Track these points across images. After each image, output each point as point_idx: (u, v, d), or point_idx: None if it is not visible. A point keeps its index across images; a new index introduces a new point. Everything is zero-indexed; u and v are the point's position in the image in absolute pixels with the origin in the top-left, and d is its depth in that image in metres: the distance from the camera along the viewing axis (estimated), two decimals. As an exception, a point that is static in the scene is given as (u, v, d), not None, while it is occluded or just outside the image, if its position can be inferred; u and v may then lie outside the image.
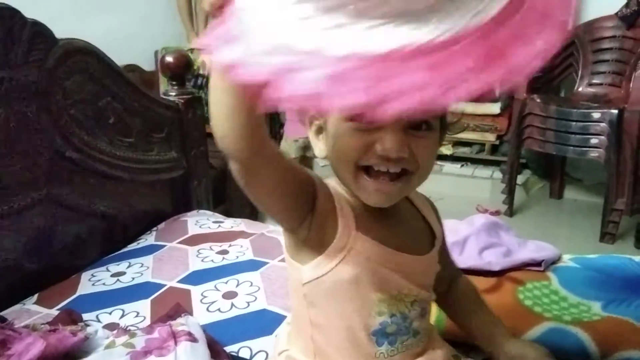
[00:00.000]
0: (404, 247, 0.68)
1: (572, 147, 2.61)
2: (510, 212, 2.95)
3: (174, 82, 1.56)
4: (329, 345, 0.68)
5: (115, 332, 0.90)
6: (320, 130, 0.66)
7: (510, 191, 2.94)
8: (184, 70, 1.55)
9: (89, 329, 0.90)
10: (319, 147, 0.67)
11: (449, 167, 3.45)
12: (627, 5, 2.82)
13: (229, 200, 2.60)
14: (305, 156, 2.54)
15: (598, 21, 2.93)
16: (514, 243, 1.25)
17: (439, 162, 3.48)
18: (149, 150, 1.45)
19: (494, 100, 3.17)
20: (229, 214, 1.71)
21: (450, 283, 0.83)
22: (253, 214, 2.55)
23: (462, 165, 3.44)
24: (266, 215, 2.25)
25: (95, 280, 1.16)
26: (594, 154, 2.55)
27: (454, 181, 3.32)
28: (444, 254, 0.79)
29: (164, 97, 1.54)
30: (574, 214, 2.99)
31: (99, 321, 1.01)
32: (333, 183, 0.68)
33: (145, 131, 1.44)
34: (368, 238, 0.65)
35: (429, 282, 0.73)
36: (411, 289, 0.68)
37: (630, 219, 2.76)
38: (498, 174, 3.25)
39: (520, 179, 3.16)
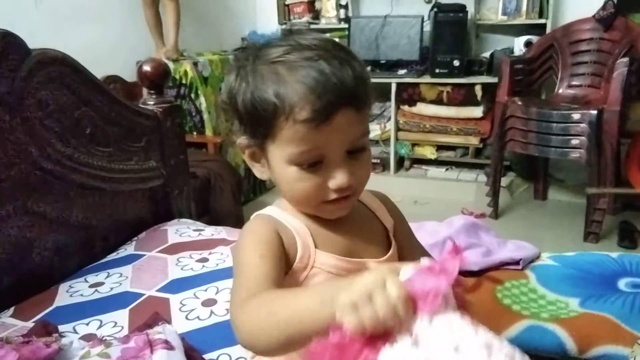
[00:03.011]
0: (364, 252, 0.70)
1: (553, 149, 2.64)
2: (496, 215, 2.97)
3: (152, 91, 1.55)
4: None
5: (90, 342, 0.89)
6: (254, 156, 0.68)
7: (494, 193, 2.96)
8: (162, 79, 1.55)
9: (64, 340, 0.89)
10: (258, 171, 0.69)
11: (433, 171, 3.47)
12: (603, 8, 2.87)
13: (213, 210, 2.59)
14: None
15: (576, 24, 2.98)
16: (494, 243, 1.26)
17: (423, 167, 3.51)
18: (127, 160, 1.44)
19: (476, 104, 3.20)
20: (213, 224, 1.69)
21: None
22: (238, 224, 2.54)
23: (447, 169, 3.46)
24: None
25: (73, 291, 1.15)
26: (575, 154, 2.57)
27: (439, 185, 3.34)
28: (407, 239, 0.78)
29: (142, 106, 1.53)
30: (558, 215, 3.01)
31: (75, 332, 1.00)
32: (278, 210, 0.71)
33: (123, 141, 1.43)
34: (327, 253, 0.68)
35: None
36: None
37: (614, 218, 2.79)
38: (482, 177, 3.27)
39: (504, 181, 3.18)
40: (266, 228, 0.67)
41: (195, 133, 2.97)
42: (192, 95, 2.92)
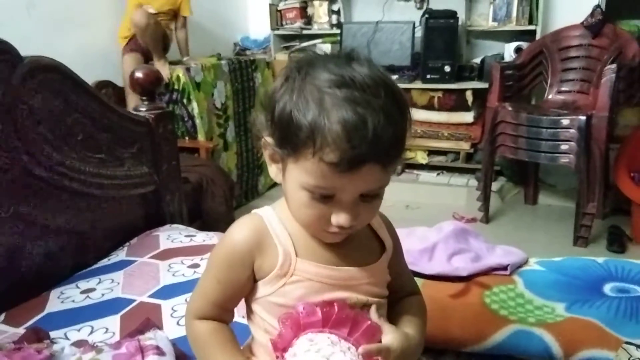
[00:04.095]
0: (349, 260, 0.70)
1: (543, 154, 2.66)
2: (486, 219, 2.99)
3: (144, 98, 1.56)
4: None
5: (82, 348, 0.90)
6: (274, 158, 0.67)
7: (485, 198, 2.98)
8: (154, 85, 1.56)
9: (55, 347, 0.90)
10: (274, 172, 0.69)
11: (425, 176, 3.49)
12: (592, 15, 2.91)
13: (205, 215, 2.60)
14: None
15: (565, 30, 3.01)
16: (483, 248, 1.28)
17: (415, 171, 3.53)
18: (119, 166, 1.45)
19: (467, 109, 3.23)
20: (205, 229, 1.70)
21: (402, 298, 0.80)
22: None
23: (438, 174, 3.48)
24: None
25: (64, 297, 1.15)
26: (564, 159, 2.60)
27: (430, 190, 3.36)
28: (397, 266, 0.79)
29: (134, 112, 1.54)
30: (548, 219, 3.04)
31: (67, 338, 1.00)
32: (272, 213, 0.72)
33: (115, 147, 1.43)
34: (309, 261, 0.69)
35: (379, 290, 0.74)
36: (359, 298, 0.70)
37: (603, 222, 2.82)
38: (473, 182, 3.29)
39: (495, 186, 3.21)
40: (241, 244, 0.70)
41: (187, 138, 2.97)
42: (185, 101, 2.93)
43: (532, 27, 3.16)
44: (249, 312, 0.75)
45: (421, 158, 3.46)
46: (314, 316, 0.66)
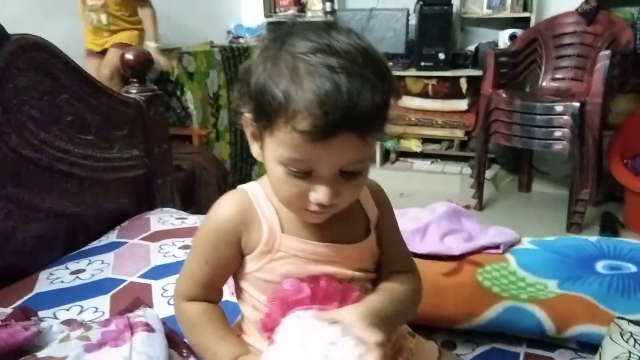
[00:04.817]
0: (335, 237, 0.69)
1: (537, 140, 2.66)
2: (480, 207, 2.99)
3: (134, 80, 1.54)
4: None
5: (70, 326, 0.89)
6: (255, 137, 0.65)
7: (479, 186, 2.98)
8: (144, 67, 1.54)
9: (43, 324, 0.89)
10: (256, 151, 0.67)
11: (419, 164, 3.49)
12: (586, 2, 2.90)
13: (199, 203, 2.59)
14: None
15: (559, 17, 3.00)
16: (476, 228, 1.27)
17: (409, 159, 3.53)
18: (109, 148, 1.44)
19: (461, 97, 3.22)
20: None
21: (392, 273, 0.75)
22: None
23: (432, 162, 3.48)
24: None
25: (53, 278, 1.14)
26: (558, 146, 2.60)
27: (424, 178, 3.36)
28: (387, 236, 0.76)
29: (125, 94, 1.52)
30: (541, 206, 3.05)
31: (56, 318, 0.99)
32: (259, 188, 0.71)
33: (105, 129, 1.42)
34: (294, 237, 0.68)
35: (367, 265, 0.73)
36: (345, 273, 0.69)
37: (596, 209, 2.83)
38: (467, 170, 3.29)
39: (489, 173, 3.21)
40: (226, 220, 0.69)
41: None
42: (178, 92, 2.90)
43: (526, 14, 3.15)
44: (237, 289, 0.74)
45: (415, 146, 3.46)
46: (301, 293, 0.66)
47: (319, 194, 0.60)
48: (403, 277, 0.75)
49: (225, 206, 0.70)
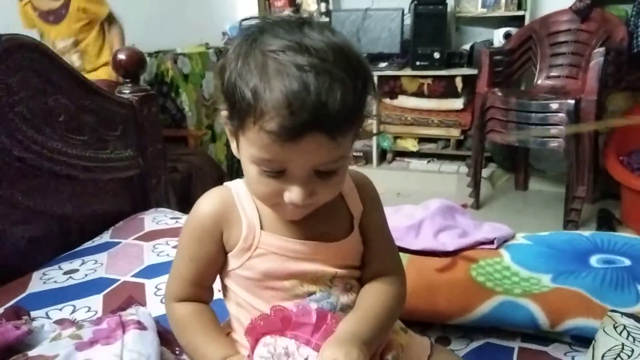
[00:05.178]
0: (316, 234, 0.68)
1: (532, 138, 2.66)
2: (477, 205, 2.99)
3: (127, 80, 1.54)
4: None
5: (62, 325, 0.88)
6: (234, 134, 0.63)
7: (476, 184, 2.98)
8: (137, 67, 1.54)
9: (35, 323, 0.88)
10: (234, 148, 0.66)
11: (415, 163, 3.49)
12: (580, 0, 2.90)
13: (195, 204, 2.58)
14: None
15: (554, 15, 3.01)
16: (470, 224, 1.27)
17: (405, 159, 3.53)
18: (103, 149, 1.43)
19: (457, 96, 3.22)
20: None
21: (375, 276, 0.73)
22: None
23: (429, 161, 3.48)
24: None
25: (46, 278, 1.14)
26: (554, 144, 2.60)
27: (421, 177, 3.36)
28: (373, 235, 0.74)
29: (118, 94, 1.52)
30: (538, 204, 3.05)
31: (48, 318, 0.99)
32: (239, 184, 0.71)
33: (98, 129, 1.41)
34: (274, 235, 0.67)
35: (351, 262, 0.72)
36: (327, 270, 0.69)
37: (593, 207, 2.83)
38: (464, 169, 3.30)
39: (485, 172, 3.21)
40: (207, 216, 0.69)
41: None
42: (173, 94, 2.90)
43: (520, 13, 3.16)
44: (223, 287, 0.74)
45: (411, 145, 3.46)
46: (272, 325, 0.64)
47: (293, 194, 0.59)
48: (387, 280, 0.72)
49: (207, 202, 0.70)
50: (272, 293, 0.68)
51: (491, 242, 1.16)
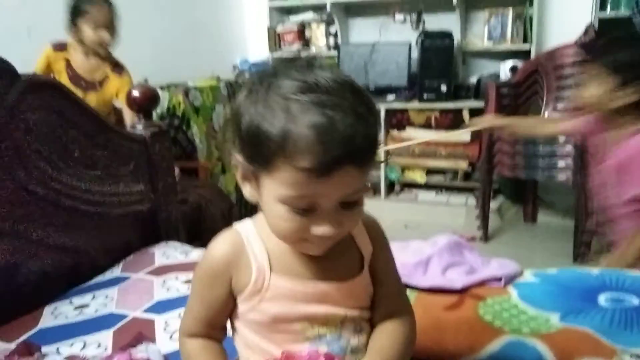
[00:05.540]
0: (327, 274, 0.68)
1: (540, 171, 2.67)
2: (486, 238, 2.98)
3: (141, 116, 1.58)
4: None
5: (73, 362, 0.90)
6: (246, 177, 0.65)
7: (484, 217, 2.98)
8: (150, 104, 1.58)
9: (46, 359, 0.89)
10: (248, 192, 0.67)
11: (423, 195, 3.49)
12: (585, 34, 2.94)
13: (205, 236, 2.59)
14: None
15: (559, 49, 3.03)
16: (477, 261, 1.27)
17: (414, 191, 3.53)
18: (115, 183, 1.46)
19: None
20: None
21: (385, 318, 0.74)
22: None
23: (437, 193, 3.48)
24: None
25: (57, 313, 1.15)
26: (562, 176, 2.60)
27: (429, 209, 3.36)
28: (382, 277, 0.74)
29: (131, 130, 1.55)
30: (548, 237, 3.03)
31: (59, 353, 1.00)
32: (251, 227, 0.71)
33: (111, 164, 1.45)
34: (284, 277, 0.68)
35: (361, 303, 0.72)
36: (337, 311, 0.69)
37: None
38: (472, 201, 3.29)
39: (494, 204, 3.21)
40: (218, 260, 0.69)
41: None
42: (184, 127, 2.94)
43: (526, 47, 3.20)
44: (232, 327, 0.75)
45: (419, 177, 3.47)
46: None
47: (323, 227, 0.60)
48: (398, 322, 0.73)
49: (218, 246, 0.71)
50: (282, 336, 0.68)
51: (499, 279, 1.16)
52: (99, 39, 2.22)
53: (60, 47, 2.29)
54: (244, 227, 0.72)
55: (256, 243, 0.69)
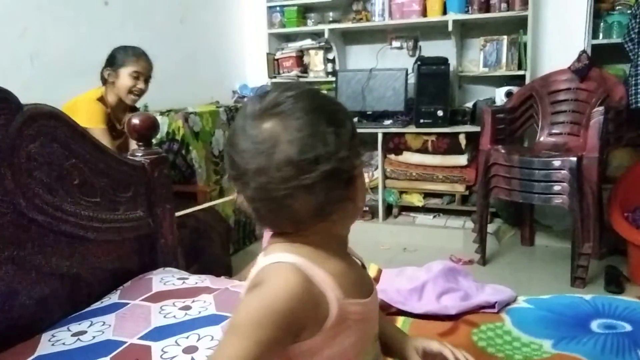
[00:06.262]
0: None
1: (536, 195, 2.69)
2: (483, 261, 2.99)
3: (140, 143, 1.60)
4: None
5: (70, 390, 0.90)
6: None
7: (481, 240, 2.99)
8: (150, 131, 1.60)
9: (43, 388, 0.90)
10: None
11: (421, 218, 3.50)
12: (578, 60, 3.00)
13: (203, 259, 2.60)
14: None
15: (553, 75, 3.10)
16: (472, 287, 1.29)
17: (411, 214, 3.55)
18: (115, 210, 1.48)
19: (461, 152, 3.28)
20: (201, 273, 1.65)
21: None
22: (227, 273, 2.54)
23: (434, 216, 3.50)
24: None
25: (55, 340, 1.16)
26: (557, 200, 2.62)
27: (427, 232, 3.37)
28: None
29: (131, 157, 1.58)
30: (545, 260, 3.04)
31: (56, 382, 1.00)
32: (299, 258, 0.65)
33: (111, 191, 1.46)
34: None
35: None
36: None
37: (600, 263, 2.82)
38: (470, 224, 3.30)
39: (491, 227, 3.22)
40: (295, 299, 0.61)
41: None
42: (183, 151, 2.98)
43: (521, 72, 3.26)
44: None
45: (417, 200, 3.49)
46: None
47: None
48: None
49: (290, 283, 0.62)
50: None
51: (492, 305, 1.17)
52: (134, 85, 2.37)
53: (102, 100, 2.38)
54: (293, 259, 0.64)
55: (318, 273, 0.64)
